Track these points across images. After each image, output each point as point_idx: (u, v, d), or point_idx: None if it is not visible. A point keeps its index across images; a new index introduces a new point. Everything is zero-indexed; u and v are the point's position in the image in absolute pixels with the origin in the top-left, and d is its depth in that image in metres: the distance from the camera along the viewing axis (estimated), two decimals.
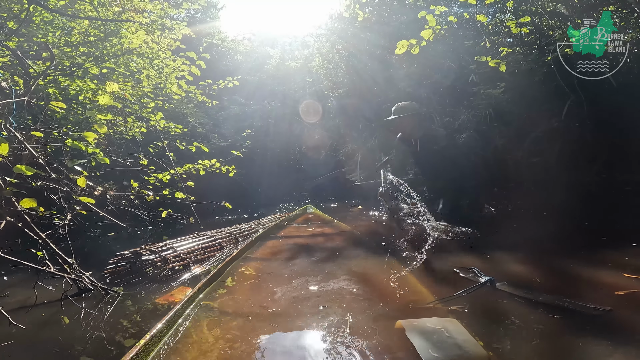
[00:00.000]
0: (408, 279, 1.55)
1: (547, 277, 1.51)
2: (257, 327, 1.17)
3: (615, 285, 1.36)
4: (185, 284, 1.69)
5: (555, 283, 1.45)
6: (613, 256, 1.71)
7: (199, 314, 1.29)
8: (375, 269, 1.74)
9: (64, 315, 1.37)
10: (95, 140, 1.76)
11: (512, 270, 1.64)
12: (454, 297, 1.29)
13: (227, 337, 1.11)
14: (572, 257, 1.73)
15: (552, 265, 1.67)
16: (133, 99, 3.14)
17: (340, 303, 1.32)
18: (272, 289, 1.50)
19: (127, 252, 1.90)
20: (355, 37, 5.49)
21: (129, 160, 3.12)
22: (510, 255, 1.83)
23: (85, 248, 2.77)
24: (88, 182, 2.08)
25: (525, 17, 2.30)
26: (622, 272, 1.48)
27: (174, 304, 1.35)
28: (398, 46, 2.07)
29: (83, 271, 1.57)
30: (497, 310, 1.23)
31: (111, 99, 1.79)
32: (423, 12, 2.02)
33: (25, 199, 1.41)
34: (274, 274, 1.73)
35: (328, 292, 1.44)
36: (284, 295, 1.43)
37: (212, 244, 2.24)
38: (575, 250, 1.87)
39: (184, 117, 5.49)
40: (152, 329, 1.08)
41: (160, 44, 3.09)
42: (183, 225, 3.54)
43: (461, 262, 1.72)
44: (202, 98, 3.77)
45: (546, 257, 1.78)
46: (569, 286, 1.41)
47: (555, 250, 1.90)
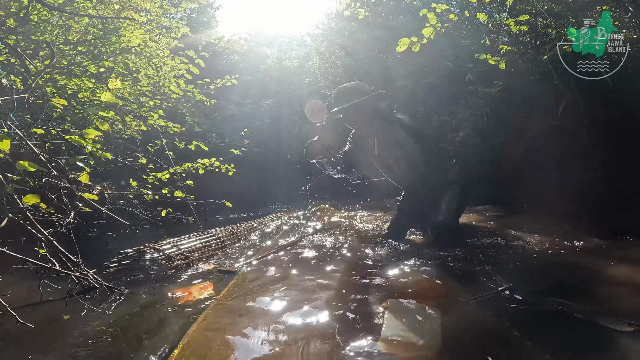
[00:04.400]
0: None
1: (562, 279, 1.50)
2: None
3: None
4: (191, 281, 1.68)
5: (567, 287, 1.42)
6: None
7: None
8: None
9: (68, 314, 1.35)
10: (97, 137, 1.75)
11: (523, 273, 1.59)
12: (470, 300, 1.26)
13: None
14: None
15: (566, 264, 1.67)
16: (131, 98, 3.12)
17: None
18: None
19: (130, 251, 1.90)
20: (353, 37, 5.52)
21: (127, 160, 3.10)
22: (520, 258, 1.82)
23: (84, 248, 2.74)
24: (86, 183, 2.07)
25: (524, 15, 2.33)
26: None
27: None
28: (399, 44, 2.09)
29: (87, 269, 1.56)
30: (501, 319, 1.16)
31: (113, 96, 1.78)
32: (424, 10, 2.04)
33: (28, 195, 1.40)
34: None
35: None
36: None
37: (215, 241, 2.24)
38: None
39: (181, 117, 5.47)
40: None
41: (159, 43, 3.07)
42: (183, 224, 3.52)
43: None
44: (200, 97, 3.76)
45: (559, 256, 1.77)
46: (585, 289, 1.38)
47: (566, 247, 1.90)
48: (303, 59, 7.51)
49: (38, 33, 2.47)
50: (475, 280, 1.49)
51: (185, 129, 4.55)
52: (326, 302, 1.30)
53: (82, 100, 2.71)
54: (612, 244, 1.91)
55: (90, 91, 2.84)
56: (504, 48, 2.56)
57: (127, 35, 2.72)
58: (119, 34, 2.63)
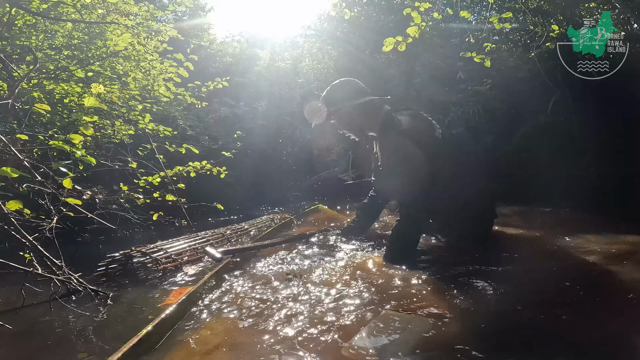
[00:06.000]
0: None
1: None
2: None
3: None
4: (178, 285, 1.67)
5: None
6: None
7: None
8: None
9: (52, 317, 1.35)
10: (82, 142, 1.75)
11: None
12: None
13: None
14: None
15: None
16: (120, 102, 3.11)
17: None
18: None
19: (117, 254, 1.89)
20: (345, 37, 5.53)
21: (117, 164, 3.09)
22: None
23: (75, 252, 2.73)
24: (76, 186, 2.06)
25: (506, 12, 2.35)
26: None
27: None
28: (385, 43, 2.09)
29: (72, 273, 1.55)
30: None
31: (97, 100, 1.77)
32: (408, 9, 2.05)
33: (12, 201, 1.40)
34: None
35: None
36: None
37: (204, 244, 2.23)
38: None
39: (173, 120, 5.46)
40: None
41: (147, 46, 3.07)
42: (175, 227, 3.51)
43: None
44: (191, 100, 3.76)
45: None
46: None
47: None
48: (296, 60, 7.53)
49: (22, 38, 2.47)
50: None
51: (178, 132, 4.56)
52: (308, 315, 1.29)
53: (69, 105, 2.70)
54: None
55: (78, 96, 2.83)
56: (488, 46, 2.58)
57: (113, 39, 2.72)
58: (104, 38, 2.62)
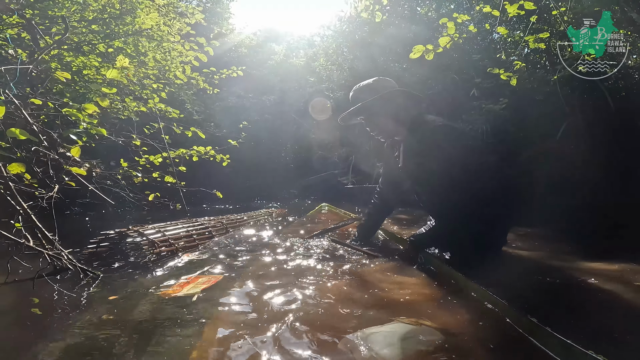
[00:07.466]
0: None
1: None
2: None
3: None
4: (175, 270, 1.60)
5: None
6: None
7: None
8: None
9: (36, 296, 1.25)
10: (94, 113, 1.71)
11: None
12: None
13: None
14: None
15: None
16: (135, 79, 3.10)
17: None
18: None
19: (111, 232, 1.81)
20: (363, 41, 5.52)
21: (121, 140, 3.05)
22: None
23: (62, 226, 2.66)
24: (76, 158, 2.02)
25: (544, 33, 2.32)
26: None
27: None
28: (413, 50, 2.07)
29: (63, 249, 1.49)
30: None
31: (119, 74, 1.73)
32: (445, 19, 2.02)
33: (14, 164, 1.35)
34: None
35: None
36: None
37: (202, 231, 2.19)
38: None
39: (181, 103, 5.44)
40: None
41: (172, 27, 3.07)
42: (169, 210, 3.46)
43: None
44: (203, 85, 3.75)
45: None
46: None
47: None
48: (310, 59, 7.51)
49: (55, 9, 2.45)
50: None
51: (184, 115, 4.52)
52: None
53: (85, 78, 2.69)
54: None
55: (95, 69, 2.82)
56: (518, 64, 2.54)
57: (142, 17, 2.72)
58: (134, 15, 2.62)
